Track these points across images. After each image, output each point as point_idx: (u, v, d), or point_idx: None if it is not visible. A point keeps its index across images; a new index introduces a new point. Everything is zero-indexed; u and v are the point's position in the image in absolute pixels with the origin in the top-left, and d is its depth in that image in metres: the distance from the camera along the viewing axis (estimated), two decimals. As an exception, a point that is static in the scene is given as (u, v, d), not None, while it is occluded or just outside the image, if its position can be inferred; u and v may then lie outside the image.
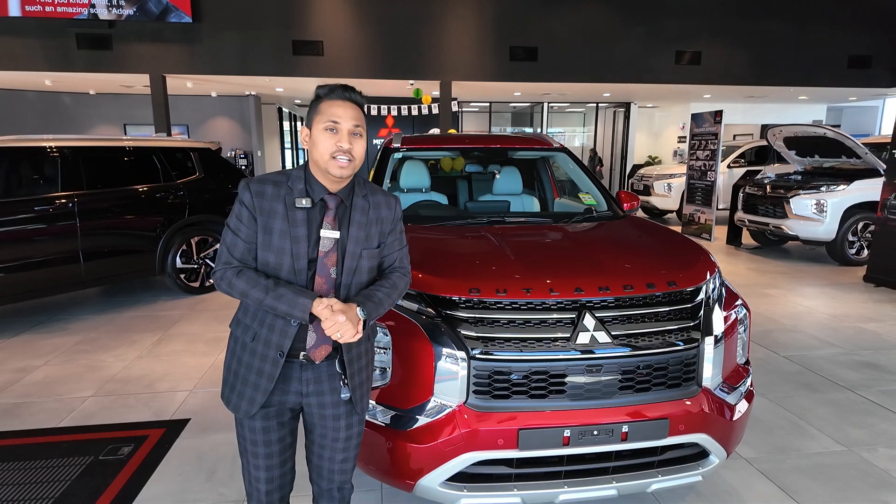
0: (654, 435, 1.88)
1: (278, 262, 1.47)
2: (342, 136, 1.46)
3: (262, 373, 1.49)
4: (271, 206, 1.47)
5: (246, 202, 1.47)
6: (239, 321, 1.56)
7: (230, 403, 1.55)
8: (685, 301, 2.04)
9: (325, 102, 1.48)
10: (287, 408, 1.57)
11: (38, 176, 4.68)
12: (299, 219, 1.47)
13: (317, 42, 10.30)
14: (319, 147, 1.46)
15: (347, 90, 1.49)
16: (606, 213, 3.12)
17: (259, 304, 1.44)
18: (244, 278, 1.45)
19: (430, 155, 4.41)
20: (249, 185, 1.49)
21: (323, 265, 1.49)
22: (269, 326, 1.49)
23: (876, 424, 3.07)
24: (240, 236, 1.47)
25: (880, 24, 11.38)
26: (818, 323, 4.85)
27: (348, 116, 1.47)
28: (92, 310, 5.22)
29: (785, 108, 16.32)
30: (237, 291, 1.45)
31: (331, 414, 1.58)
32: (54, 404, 3.30)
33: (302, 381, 1.54)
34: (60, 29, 9.66)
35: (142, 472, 2.58)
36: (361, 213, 1.55)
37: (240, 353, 1.54)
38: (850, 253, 7.07)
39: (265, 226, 1.47)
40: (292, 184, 1.50)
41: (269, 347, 1.49)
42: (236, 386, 1.54)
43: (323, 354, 1.51)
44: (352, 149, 1.46)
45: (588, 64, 10.97)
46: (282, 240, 1.46)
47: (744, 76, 11.40)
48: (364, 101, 1.54)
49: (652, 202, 10.83)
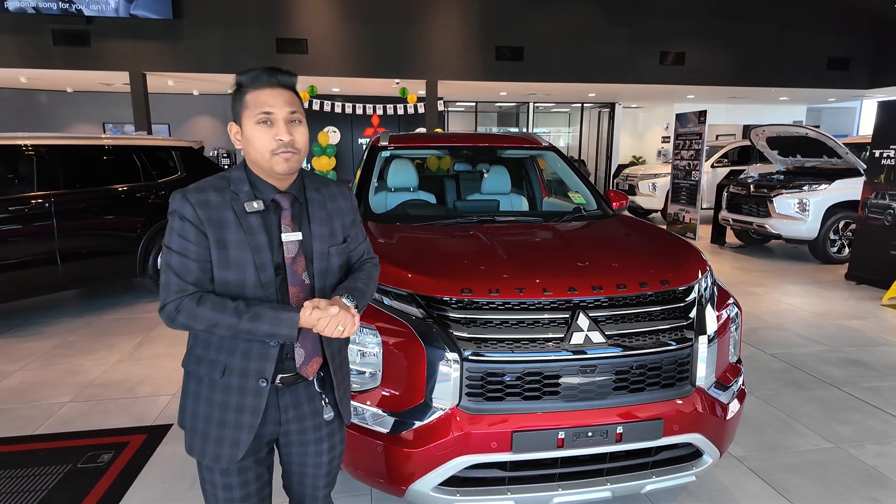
0: (648, 435, 1.86)
1: (241, 279, 1.27)
2: (279, 128, 1.26)
3: (242, 409, 1.30)
4: (220, 215, 1.27)
5: (188, 216, 1.25)
6: (200, 358, 1.33)
7: (206, 455, 1.32)
8: (678, 300, 2.03)
9: (252, 93, 1.28)
10: (264, 441, 1.39)
11: (13, 175, 4.54)
12: (255, 225, 1.29)
13: (301, 40, 10.19)
14: (256, 144, 1.27)
15: (273, 73, 1.29)
16: (596, 211, 3.11)
17: (233, 331, 1.23)
18: (209, 304, 1.23)
19: (419, 153, 4.37)
20: (187, 195, 1.27)
21: (294, 273, 1.32)
22: (244, 353, 1.29)
23: (862, 421, 3.10)
24: (189, 257, 1.25)
25: (858, 27, 11.60)
26: (803, 321, 4.91)
27: (281, 103, 1.27)
28: (70, 313, 5.08)
29: (766, 108, 16.56)
30: (202, 322, 1.23)
31: (313, 439, 1.43)
32: (31, 410, 3.19)
33: (280, 408, 1.37)
34: (36, 24, 9.43)
35: (123, 480, 2.49)
36: (319, 208, 1.39)
37: (207, 394, 1.31)
38: (831, 251, 7.18)
39: (218, 240, 1.26)
40: (236, 187, 1.31)
41: (246, 378, 1.29)
42: (210, 432, 1.31)
43: (315, 368, 1.37)
44: (293, 139, 1.28)
45: (573, 64, 11.01)
46: (241, 252, 1.27)
47: (726, 77, 11.54)
48: (295, 80, 1.33)
49: (637, 202, 10.90)
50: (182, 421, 1.37)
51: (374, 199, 3.43)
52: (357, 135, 14.62)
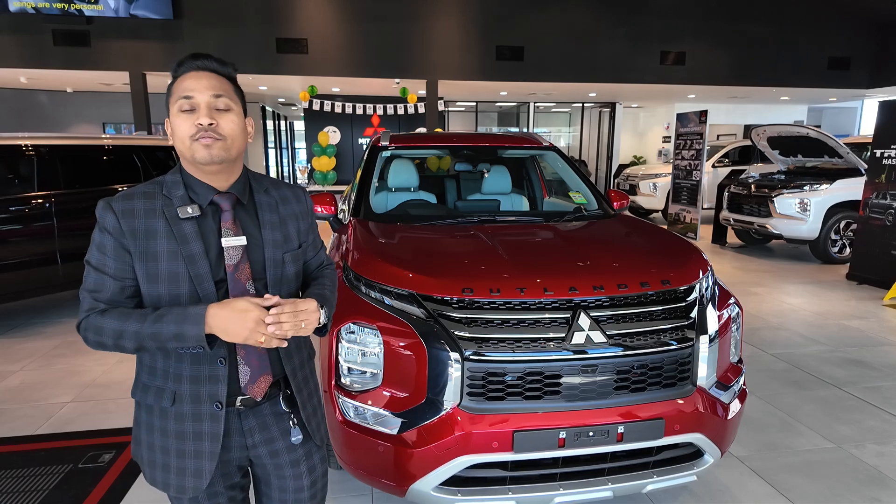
0: (649, 435, 1.86)
1: (174, 293, 1.15)
2: (200, 112, 1.14)
3: (200, 436, 1.19)
4: (147, 225, 1.15)
5: (109, 227, 1.14)
6: (147, 386, 1.22)
7: (169, 486, 1.23)
8: (679, 300, 2.02)
9: (177, 81, 1.17)
10: (234, 466, 1.29)
11: (14, 175, 4.54)
12: (189, 232, 1.16)
13: (301, 40, 10.19)
14: (178, 133, 1.15)
15: (199, 58, 1.19)
16: (597, 211, 3.10)
17: (139, 338, 1.10)
18: (114, 314, 1.12)
19: (420, 153, 4.36)
20: (111, 204, 1.15)
21: (236, 282, 1.18)
22: (192, 378, 1.18)
23: (863, 421, 3.10)
24: (107, 272, 1.14)
25: (859, 27, 11.60)
26: (804, 321, 4.90)
27: (203, 87, 1.15)
28: (70, 313, 5.08)
29: (767, 108, 16.55)
30: (109, 335, 1.11)
31: (287, 461, 1.31)
32: (31, 411, 3.19)
33: (244, 432, 1.26)
34: (36, 24, 9.43)
35: (124, 480, 2.49)
36: (270, 212, 1.27)
37: (160, 424, 1.21)
38: (832, 251, 7.17)
39: (144, 252, 1.14)
40: (169, 191, 1.19)
41: (199, 403, 1.19)
42: (170, 463, 1.22)
43: (264, 388, 1.23)
44: (216, 125, 1.15)
45: (574, 64, 11.01)
46: (173, 264, 1.15)
47: (727, 76, 11.54)
48: (229, 68, 1.22)
49: (638, 202, 10.90)
50: (137, 453, 1.28)
51: (375, 199, 3.43)
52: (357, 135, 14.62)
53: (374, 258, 2.18)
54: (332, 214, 3.07)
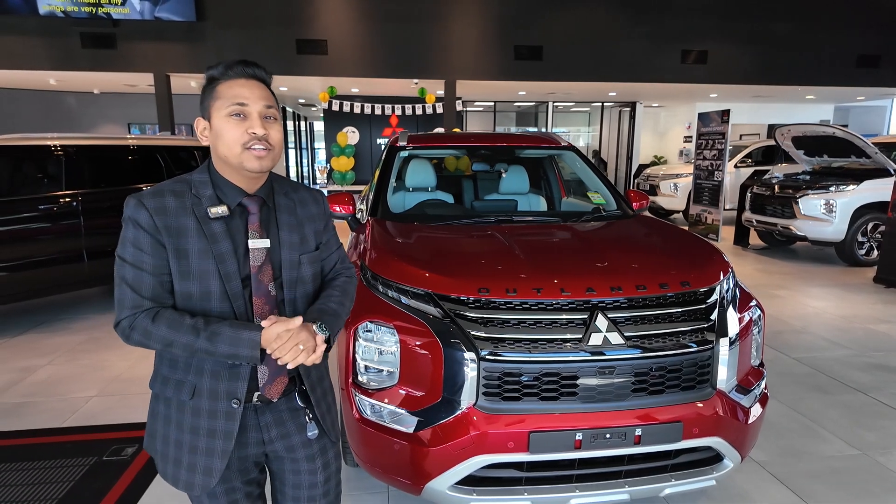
0: (667, 438, 1.84)
1: (204, 290, 1.18)
2: (253, 121, 1.17)
3: (213, 433, 1.21)
4: (179, 222, 1.17)
5: (144, 224, 1.15)
6: (166, 378, 1.24)
7: (179, 482, 1.24)
8: (699, 302, 2.00)
9: (224, 84, 1.19)
10: (250, 462, 1.32)
11: (43, 175, 4.67)
12: (218, 232, 1.19)
13: (321, 41, 10.29)
14: (226, 138, 1.17)
15: (250, 65, 1.21)
16: (616, 212, 3.08)
17: (190, 350, 1.14)
18: (164, 321, 1.13)
19: (438, 153, 4.38)
20: (143, 201, 1.17)
21: (259, 283, 1.22)
22: (213, 373, 1.20)
23: (889, 427, 3.02)
24: (145, 269, 1.15)
25: (889, 24, 11.29)
26: (828, 324, 4.79)
27: (257, 96, 1.19)
28: (96, 309, 5.20)
29: (792, 107, 16.22)
30: (158, 341, 1.14)
31: (303, 456, 1.33)
32: (58, 404, 3.28)
33: (261, 427, 1.29)
34: (65, 27, 9.67)
35: (146, 473, 2.55)
36: (289, 214, 1.30)
37: (177, 417, 1.23)
38: (859, 254, 7.00)
39: (177, 249, 1.16)
40: (198, 191, 1.21)
41: (217, 400, 1.20)
42: (182, 458, 1.23)
43: (280, 389, 1.27)
44: (268, 135, 1.19)
45: (593, 63, 10.93)
46: (203, 261, 1.17)
47: (750, 75, 11.34)
48: (270, 78, 1.26)
49: (658, 202, 10.77)
50: (151, 446, 1.29)
51: (393, 198, 3.45)
52: (376, 135, 14.70)
53: (391, 257, 2.20)
54: (350, 214, 3.09)
